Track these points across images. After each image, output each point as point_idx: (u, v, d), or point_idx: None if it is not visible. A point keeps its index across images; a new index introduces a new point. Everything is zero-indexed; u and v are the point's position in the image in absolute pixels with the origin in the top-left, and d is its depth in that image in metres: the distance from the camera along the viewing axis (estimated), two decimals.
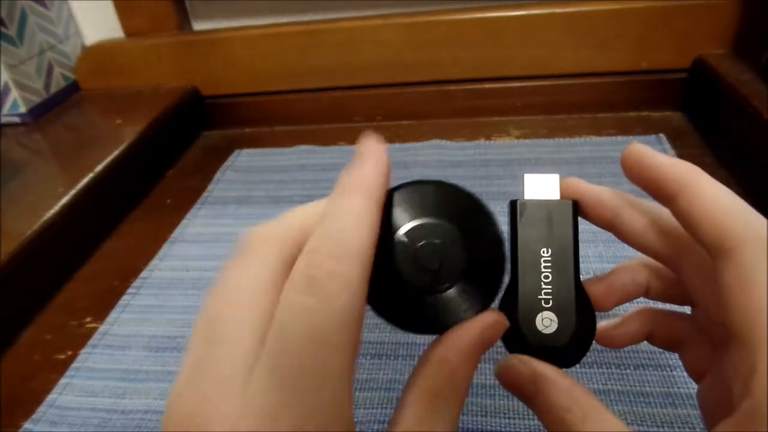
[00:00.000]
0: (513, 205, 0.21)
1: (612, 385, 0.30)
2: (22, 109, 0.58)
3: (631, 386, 0.29)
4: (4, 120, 0.59)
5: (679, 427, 0.27)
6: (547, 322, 0.20)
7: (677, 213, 0.18)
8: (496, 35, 0.55)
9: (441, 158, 0.51)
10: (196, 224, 0.47)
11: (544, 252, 0.20)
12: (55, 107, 0.61)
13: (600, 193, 0.21)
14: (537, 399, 0.19)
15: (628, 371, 0.30)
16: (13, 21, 0.56)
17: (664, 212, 0.20)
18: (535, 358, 0.19)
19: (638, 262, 0.22)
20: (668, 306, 0.22)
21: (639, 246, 0.21)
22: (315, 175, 0.52)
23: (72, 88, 0.64)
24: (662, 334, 0.22)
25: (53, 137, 0.56)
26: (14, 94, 0.57)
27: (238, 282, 0.18)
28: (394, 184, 0.21)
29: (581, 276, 0.20)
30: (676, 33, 0.52)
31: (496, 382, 0.31)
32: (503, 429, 0.28)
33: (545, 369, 0.19)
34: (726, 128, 0.48)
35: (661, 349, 0.25)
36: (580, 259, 0.20)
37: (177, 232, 0.46)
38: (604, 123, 0.55)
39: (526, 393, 0.19)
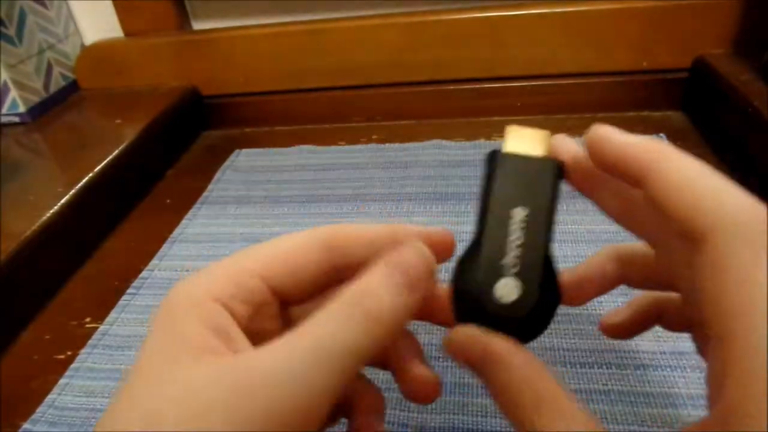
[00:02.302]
0: (492, 155, 0.19)
1: (612, 385, 0.30)
2: (22, 109, 0.58)
3: (631, 386, 0.29)
4: (3, 119, 0.58)
5: (680, 428, 0.27)
6: (507, 289, 0.18)
7: (646, 197, 0.16)
8: (496, 35, 0.55)
9: (441, 158, 0.51)
10: (195, 224, 0.47)
11: (518, 212, 0.18)
12: (54, 107, 0.61)
13: (587, 159, 0.19)
14: (487, 378, 0.17)
15: (629, 371, 0.30)
16: (13, 20, 0.56)
17: None
18: (486, 330, 0.17)
19: (608, 252, 0.21)
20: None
21: (618, 222, 0.19)
22: (315, 175, 0.52)
23: (71, 88, 0.64)
24: (672, 320, 0.20)
25: (53, 137, 0.56)
26: (13, 93, 0.57)
27: (278, 237, 0.18)
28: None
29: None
30: (676, 33, 0.52)
31: None
32: (503, 429, 0.28)
33: (498, 344, 0.17)
34: (726, 128, 0.48)
35: (673, 333, 0.24)
36: (556, 226, 0.19)
37: (177, 232, 0.46)
38: (604, 123, 0.54)
39: (476, 370, 0.17)
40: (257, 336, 0.17)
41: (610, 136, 0.17)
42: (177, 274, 0.42)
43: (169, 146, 0.59)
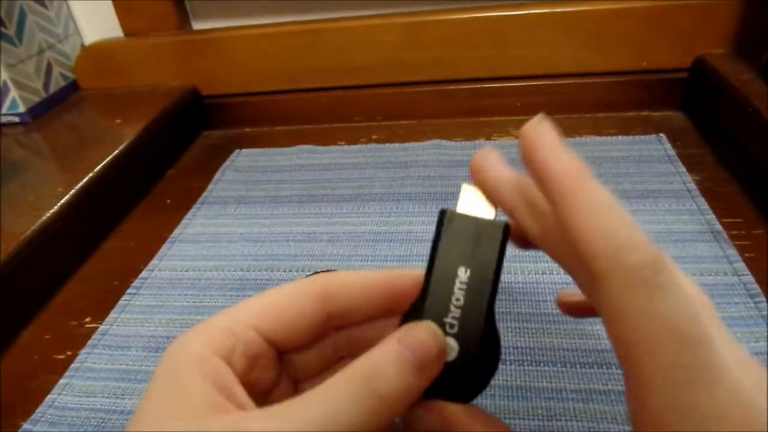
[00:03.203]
0: (441, 214, 0.19)
1: (612, 385, 0.30)
2: (21, 109, 0.58)
3: None
4: (3, 119, 0.58)
5: None
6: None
7: (557, 219, 0.17)
8: (496, 35, 0.55)
9: (441, 158, 0.51)
10: (195, 224, 0.47)
11: (461, 272, 0.18)
12: (54, 107, 0.61)
13: (500, 184, 0.20)
14: None
15: None
16: (12, 20, 0.56)
17: None
18: (443, 402, 0.18)
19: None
20: None
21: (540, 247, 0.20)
22: (314, 175, 0.52)
23: (71, 88, 0.64)
24: None
25: (52, 137, 0.56)
26: (13, 93, 0.57)
27: (272, 288, 0.18)
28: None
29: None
30: (676, 33, 0.52)
31: (497, 382, 0.31)
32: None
33: (454, 413, 0.17)
34: (726, 128, 0.48)
35: None
36: (500, 286, 0.19)
37: (177, 232, 0.46)
38: (604, 123, 0.55)
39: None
40: (254, 386, 0.17)
41: (541, 141, 0.18)
42: (177, 274, 0.42)
43: (169, 146, 0.59)
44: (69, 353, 0.37)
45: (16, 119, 0.58)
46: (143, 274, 0.42)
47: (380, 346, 0.17)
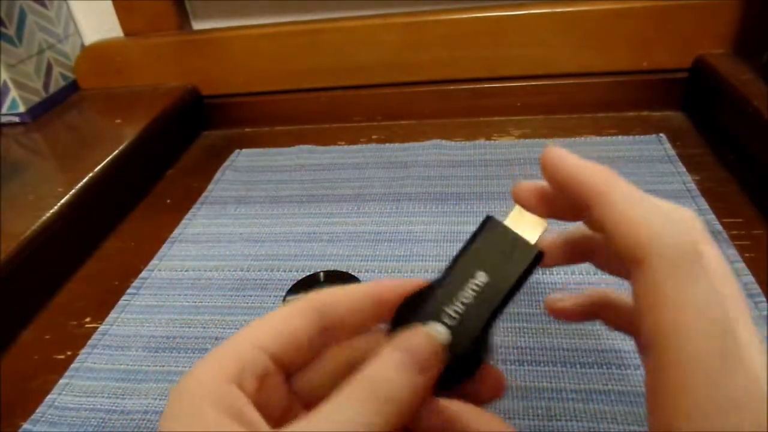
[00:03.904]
0: (487, 219, 0.20)
1: (612, 385, 0.30)
2: (21, 109, 0.58)
3: (632, 386, 0.29)
4: (3, 119, 0.58)
5: None
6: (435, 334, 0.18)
7: (593, 222, 0.18)
8: (496, 35, 0.55)
9: (441, 158, 0.51)
10: (195, 224, 0.47)
11: (480, 275, 0.19)
12: (54, 107, 0.61)
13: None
14: None
15: (629, 371, 0.30)
16: (12, 20, 0.56)
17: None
18: (452, 401, 0.19)
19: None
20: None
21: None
22: (314, 175, 0.52)
23: (71, 88, 0.64)
24: (610, 317, 0.22)
25: (53, 137, 0.56)
26: (13, 93, 0.57)
27: (272, 313, 0.19)
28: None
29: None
30: (676, 33, 0.52)
31: None
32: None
33: (461, 410, 0.18)
34: (726, 128, 0.48)
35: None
36: (509, 306, 0.19)
37: (177, 232, 0.46)
38: (604, 123, 0.55)
39: None
40: (264, 408, 0.18)
41: (564, 157, 0.19)
42: (177, 274, 0.42)
43: (169, 146, 0.59)
44: (69, 353, 0.37)
45: (16, 119, 0.58)
46: (143, 274, 0.42)
47: (379, 355, 0.17)
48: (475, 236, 0.20)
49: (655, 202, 0.17)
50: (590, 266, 0.23)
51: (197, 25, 0.64)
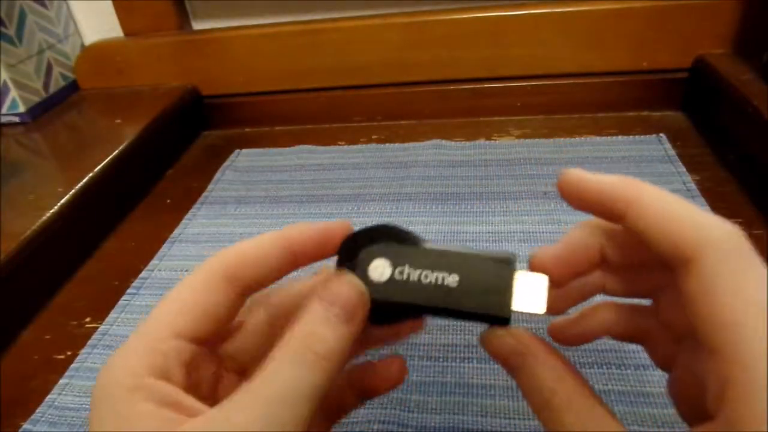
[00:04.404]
0: (511, 256, 0.19)
1: (612, 385, 0.30)
2: (21, 109, 0.58)
3: (631, 386, 0.29)
4: (3, 119, 0.58)
5: (679, 428, 0.27)
6: (380, 269, 0.19)
7: (630, 231, 0.17)
8: (496, 35, 0.55)
9: (441, 158, 0.51)
10: (195, 224, 0.47)
11: (452, 278, 0.19)
12: (54, 107, 0.61)
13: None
14: (522, 374, 0.18)
15: (629, 371, 0.30)
16: (12, 20, 0.56)
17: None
18: (525, 331, 0.18)
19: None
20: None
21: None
22: (314, 175, 0.52)
23: (71, 88, 0.64)
24: (622, 329, 0.21)
25: (52, 137, 0.56)
26: (13, 93, 0.57)
27: (175, 288, 0.18)
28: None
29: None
30: (676, 33, 0.52)
31: (497, 382, 0.31)
32: (503, 429, 0.28)
33: (533, 343, 0.18)
34: (726, 128, 0.48)
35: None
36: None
37: (177, 232, 0.46)
38: (604, 123, 0.55)
39: (512, 365, 0.18)
40: (198, 388, 0.18)
41: (585, 178, 0.18)
42: (177, 274, 0.42)
43: (169, 146, 0.59)
44: (69, 353, 0.37)
45: (16, 119, 0.58)
46: (143, 274, 0.42)
47: (306, 310, 0.17)
48: (484, 252, 0.19)
49: (694, 205, 0.17)
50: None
51: (197, 25, 0.64)
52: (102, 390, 0.16)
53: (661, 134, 0.51)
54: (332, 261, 0.20)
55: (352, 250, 0.19)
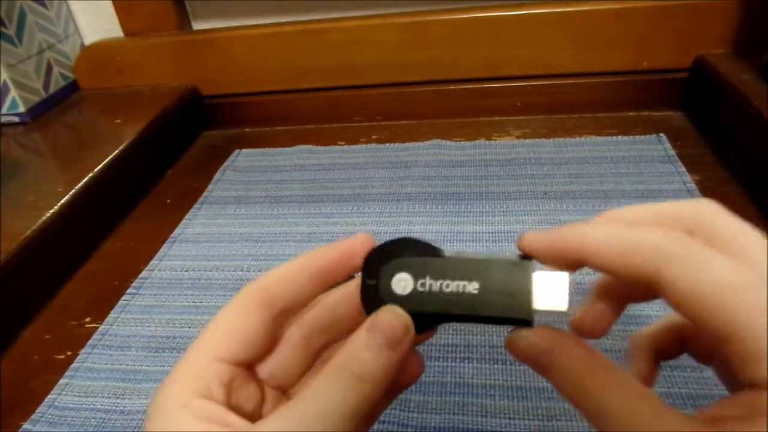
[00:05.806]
0: (526, 258, 0.19)
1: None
2: (21, 109, 0.58)
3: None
4: (3, 119, 0.58)
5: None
6: (403, 283, 0.19)
7: (664, 298, 0.17)
8: (496, 35, 0.55)
9: (441, 158, 0.51)
10: (195, 224, 0.47)
11: (473, 285, 0.19)
12: (54, 107, 0.61)
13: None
14: (553, 370, 0.18)
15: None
16: (12, 20, 0.56)
17: None
18: (549, 328, 0.18)
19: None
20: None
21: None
22: (314, 175, 0.52)
23: (71, 88, 0.64)
24: (700, 351, 0.21)
25: (52, 137, 0.56)
26: (13, 93, 0.57)
27: (216, 316, 0.20)
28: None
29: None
30: (677, 33, 0.52)
31: (496, 382, 0.31)
32: (503, 429, 0.28)
33: (559, 337, 0.18)
34: (726, 128, 0.48)
35: None
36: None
37: (177, 232, 0.46)
38: (604, 123, 0.55)
39: (541, 364, 0.18)
40: (238, 408, 0.19)
41: (608, 241, 0.17)
42: (177, 274, 0.42)
43: (169, 146, 0.59)
44: (69, 353, 0.37)
45: (16, 119, 0.58)
46: (143, 274, 0.42)
47: (353, 337, 0.18)
48: (506, 258, 0.19)
49: (727, 265, 0.16)
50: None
51: (197, 25, 0.64)
52: (156, 409, 0.18)
53: (661, 134, 0.51)
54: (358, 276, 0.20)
55: (375, 266, 0.20)
